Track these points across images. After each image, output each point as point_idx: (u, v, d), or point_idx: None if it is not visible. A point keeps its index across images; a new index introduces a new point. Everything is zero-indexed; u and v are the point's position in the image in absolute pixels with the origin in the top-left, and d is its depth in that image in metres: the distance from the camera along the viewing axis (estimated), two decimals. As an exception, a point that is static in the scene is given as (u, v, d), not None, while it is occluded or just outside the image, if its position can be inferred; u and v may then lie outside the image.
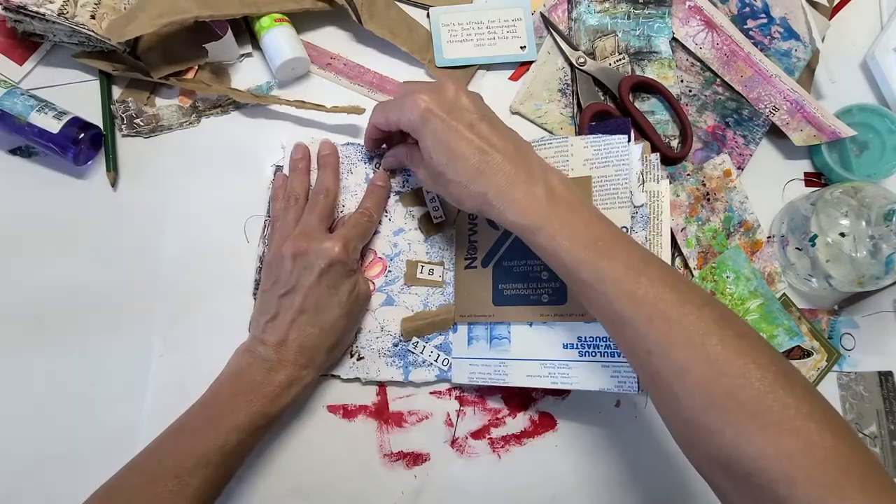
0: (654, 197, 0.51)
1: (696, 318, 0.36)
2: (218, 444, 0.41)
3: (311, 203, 0.49)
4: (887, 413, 0.56)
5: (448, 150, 0.42)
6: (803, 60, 0.61)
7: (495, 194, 0.41)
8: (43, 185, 0.51)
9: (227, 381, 0.45)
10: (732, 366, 0.34)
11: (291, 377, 0.45)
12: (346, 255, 0.46)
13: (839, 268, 0.52)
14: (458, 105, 0.43)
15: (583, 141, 0.50)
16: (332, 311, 0.46)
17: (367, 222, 0.50)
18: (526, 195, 0.40)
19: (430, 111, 0.42)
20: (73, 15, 0.48)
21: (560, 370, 0.47)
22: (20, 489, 0.46)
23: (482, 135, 0.42)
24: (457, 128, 0.42)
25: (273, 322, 0.45)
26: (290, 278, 0.45)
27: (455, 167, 0.42)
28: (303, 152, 0.52)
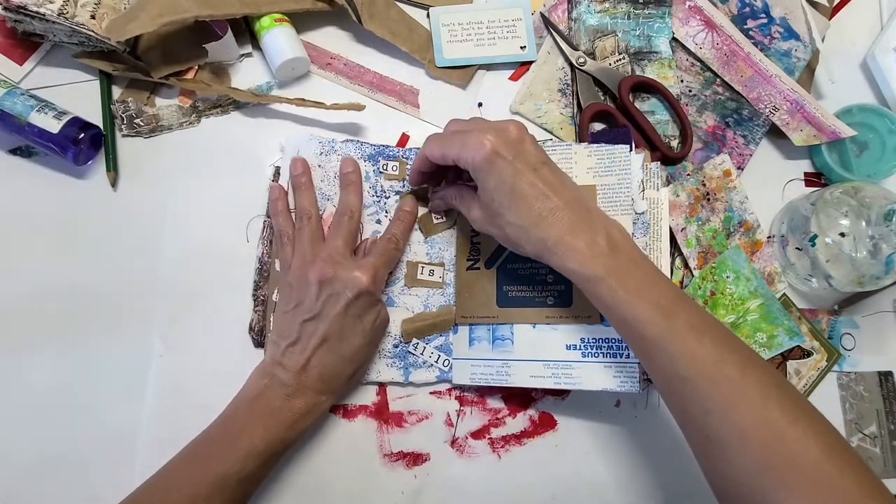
0: (654, 204, 0.52)
1: (757, 380, 0.36)
2: (235, 470, 0.41)
3: (335, 224, 0.48)
4: (887, 413, 0.56)
5: (512, 193, 0.41)
6: (803, 60, 0.61)
7: (556, 241, 0.41)
8: (43, 185, 0.50)
9: (244, 405, 0.44)
10: (791, 431, 0.35)
11: (310, 404, 0.44)
12: (374, 286, 0.45)
13: (839, 268, 0.52)
14: (522, 148, 0.42)
15: (586, 149, 0.51)
16: (356, 341, 0.45)
17: (395, 250, 0.49)
18: (588, 245, 0.40)
19: (496, 153, 0.41)
20: (73, 15, 0.48)
21: (563, 370, 0.48)
22: (20, 489, 0.46)
23: (546, 180, 0.42)
24: (522, 171, 0.41)
25: (294, 347, 0.45)
26: (315, 304, 0.44)
27: (518, 211, 0.41)
28: (303, 167, 0.51)
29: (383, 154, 0.53)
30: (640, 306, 0.38)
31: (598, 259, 0.40)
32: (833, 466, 0.34)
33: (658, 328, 0.38)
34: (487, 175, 0.42)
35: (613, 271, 0.40)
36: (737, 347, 0.38)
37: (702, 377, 0.37)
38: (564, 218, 0.41)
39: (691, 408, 0.38)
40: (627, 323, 0.39)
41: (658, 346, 0.38)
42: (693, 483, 0.51)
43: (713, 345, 0.37)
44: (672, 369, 0.38)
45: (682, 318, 0.38)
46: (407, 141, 0.55)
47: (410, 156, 0.53)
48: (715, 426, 0.36)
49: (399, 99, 0.56)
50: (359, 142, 0.53)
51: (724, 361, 0.37)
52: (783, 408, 0.36)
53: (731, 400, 0.36)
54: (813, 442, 0.34)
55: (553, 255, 0.41)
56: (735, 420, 0.36)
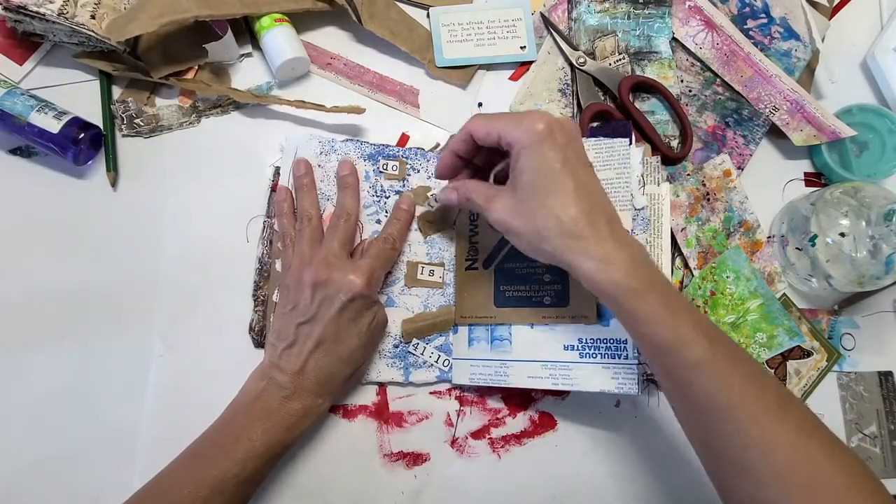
0: (655, 199, 0.52)
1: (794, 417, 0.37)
2: (234, 472, 0.41)
3: (331, 227, 0.48)
4: (887, 413, 0.56)
5: (557, 176, 0.39)
6: (803, 60, 0.61)
7: (598, 246, 0.38)
8: (43, 185, 0.50)
9: (242, 407, 0.44)
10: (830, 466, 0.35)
11: (307, 406, 0.44)
12: (368, 289, 0.45)
13: (839, 268, 0.52)
14: (577, 141, 0.41)
15: (585, 143, 0.50)
16: (351, 342, 0.45)
17: (391, 250, 0.48)
18: (630, 256, 0.38)
19: (552, 134, 0.39)
20: (73, 15, 0.48)
21: (561, 371, 0.47)
22: (20, 489, 0.46)
23: (593, 180, 0.41)
24: (572, 161, 0.39)
25: (290, 350, 0.45)
26: (309, 307, 0.44)
27: (557, 197, 0.39)
28: (305, 168, 0.51)
29: (383, 154, 0.53)
30: (684, 327, 0.37)
31: (639, 272, 0.38)
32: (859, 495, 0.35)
33: (702, 352, 0.37)
34: (535, 154, 0.39)
35: (654, 287, 0.38)
36: (772, 381, 0.38)
37: (742, 410, 0.36)
38: (605, 224, 0.39)
39: (727, 440, 0.37)
40: (666, 343, 0.37)
41: (699, 371, 0.37)
42: (693, 483, 0.51)
43: (752, 377, 0.37)
44: (711, 397, 0.37)
45: (723, 347, 0.37)
46: (407, 141, 0.55)
47: (410, 155, 0.53)
48: (753, 460, 0.36)
49: (399, 99, 0.56)
50: (359, 141, 0.53)
51: (764, 396, 0.37)
52: (821, 442, 0.36)
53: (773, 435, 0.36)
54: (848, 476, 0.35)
55: (587, 260, 0.38)
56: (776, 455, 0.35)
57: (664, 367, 0.39)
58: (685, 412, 0.40)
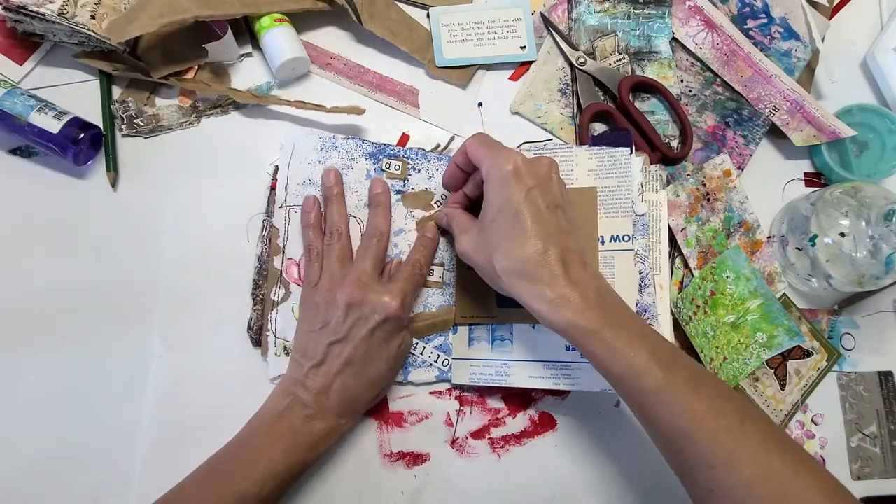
0: (654, 206, 0.53)
1: (757, 432, 0.37)
2: (254, 491, 0.41)
3: (364, 246, 0.48)
4: (887, 413, 0.56)
5: (514, 220, 0.40)
6: (803, 60, 0.61)
7: (549, 289, 0.39)
8: (43, 185, 0.50)
9: (265, 425, 0.44)
10: (795, 482, 0.35)
11: (330, 426, 0.44)
12: (403, 311, 0.45)
13: (839, 268, 0.52)
14: (547, 184, 0.42)
15: (587, 152, 0.51)
16: (380, 365, 0.45)
17: (420, 275, 0.49)
18: (582, 296, 0.39)
19: (518, 173, 0.40)
20: (73, 15, 0.48)
21: (562, 371, 0.48)
22: (20, 489, 0.46)
23: (555, 222, 0.41)
24: (536, 202, 0.40)
25: (318, 369, 0.44)
26: (341, 327, 0.44)
27: (513, 241, 0.40)
28: (335, 178, 0.50)
29: (384, 153, 0.53)
30: (639, 358, 0.38)
31: (592, 310, 0.39)
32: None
33: (657, 381, 0.37)
34: (499, 191, 0.41)
35: (608, 323, 0.39)
36: (732, 398, 0.38)
37: (702, 430, 0.36)
38: (559, 266, 0.39)
39: (693, 461, 0.37)
40: (624, 375, 0.38)
41: (657, 399, 0.37)
42: (693, 483, 0.51)
43: (710, 397, 0.37)
44: (672, 423, 0.37)
45: (679, 372, 0.38)
46: (407, 141, 0.55)
47: (411, 155, 0.53)
48: (719, 480, 0.36)
49: (399, 99, 0.56)
50: (360, 139, 0.53)
51: (723, 414, 0.37)
52: (784, 458, 0.36)
53: (735, 452, 0.36)
54: (816, 491, 0.35)
55: (540, 302, 0.39)
56: (739, 471, 0.35)
57: (624, 397, 0.40)
58: (656, 439, 0.40)
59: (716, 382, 0.39)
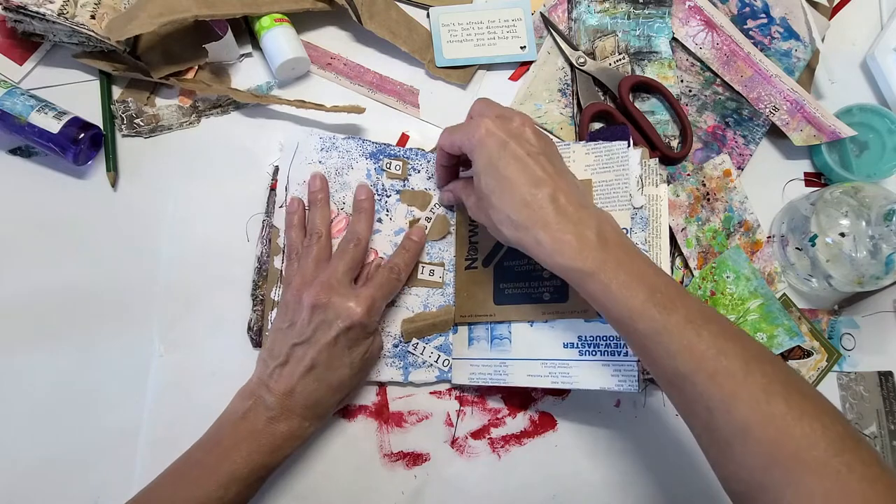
0: (653, 200, 0.52)
1: (761, 374, 0.35)
2: (217, 496, 0.40)
3: (340, 250, 0.47)
4: (887, 413, 0.56)
5: (498, 174, 0.40)
6: (803, 60, 0.61)
7: (543, 232, 0.39)
8: (43, 185, 0.50)
9: (228, 427, 0.43)
10: (798, 426, 0.33)
11: (293, 428, 0.43)
12: (368, 318, 0.44)
13: (839, 268, 0.52)
14: (521, 134, 0.42)
15: (584, 147, 0.51)
16: (343, 371, 0.45)
17: (396, 280, 0.48)
18: (577, 237, 0.39)
19: (490, 132, 0.41)
20: (73, 15, 0.48)
21: (561, 370, 0.48)
22: (21, 489, 0.46)
23: (540, 167, 0.41)
24: (515, 153, 0.41)
25: (282, 370, 0.44)
26: (305, 329, 0.44)
27: (502, 194, 0.40)
28: (321, 183, 0.50)
29: (385, 153, 0.53)
30: (634, 300, 0.37)
31: (587, 252, 0.38)
32: (841, 462, 0.32)
33: (653, 322, 0.36)
34: (479, 155, 0.42)
35: (605, 265, 0.38)
36: (738, 339, 0.37)
37: (701, 372, 0.35)
38: (553, 208, 0.39)
39: (693, 405, 0.36)
40: (621, 318, 0.38)
41: (654, 341, 0.37)
42: (694, 483, 0.51)
43: (713, 338, 0.36)
44: (670, 365, 0.36)
45: (679, 312, 0.37)
46: (407, 141, 0.56)
47: (412, 155, 0.54)
48: (718, 423, 0.35)
49: (399, 99, 0.56)
50: (360, 139, 0.53)
51: (725, 354, 0.35)
52: (789, 402, 0.34)
53: (734, 395, 0.34)
54: (821, 435, 0.33)
55: (539, 247, 0.39)
56: (738, 416, 0.34)
57: (628, 341, 0.40)
58: (659, 382, 0.39)
59: (721, 322, 0.37)
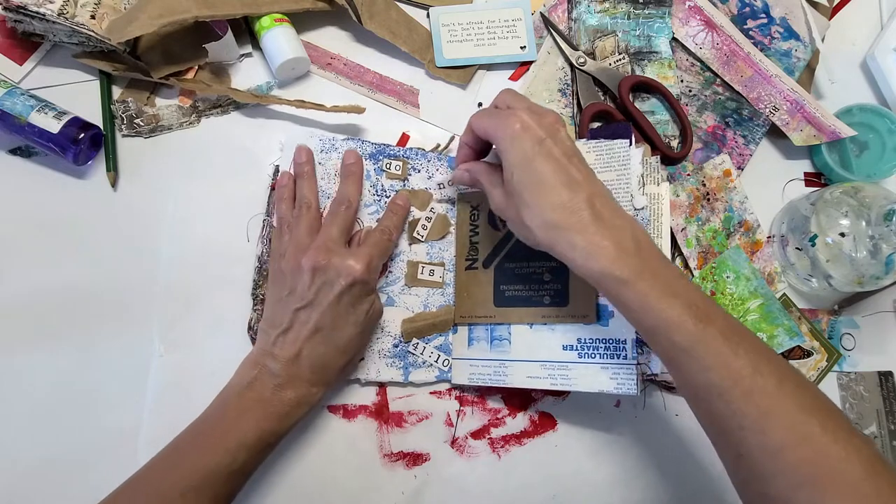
0: (655, 199, 0.52)
1: (795, 396, 0.35)
2: (225, 463, 0.40)
3: (331, 214, 0.48)
4: (887, 413, 0.56)
5: (535, 172, 0.40)
6: (803, 60, 0.61)
7: (580, 236, 0.38)
8: (43, 185, 0.51)
9: (234, 396, 0.43)
10: (833, 449, 0.33)
11: (301, 395, 0.43)
12: (368, 275, 0.44)
13: (839, 268, 0.52)
14: (557, 133, 0.41)
15: (585, 145, 0.51)
16: (348, 330, 0.45)
17: (388, 241, 0.48)
18: (615, 244, 0.38)
19: (527, 127, 0.40)
20: (73, 15, 0.48)
21: (560, 371, 0.47)
22: (21, 489, 0.46)
23: (575, 167, 0.40)
24: (551, 152, 0.40)
25: (285, 336, 0.44)
26: (307, 292, 0.43)
27: (538, 194, 0.40)
28: (307, 156, 0.51)
29: (385, 153, 0.53)
30: (672, 311, 0.36)
31: (626, 259, 0.37)
32: (870, 485, 0.33)
33: (691, 335, 0.36)
34: (512, 148, 0.40)
35: (643, 273, 0.37)
36: (773, 359, 0.36)
37: (736, 388, 0.35)
38: (587, 211, 0.38)
39: (725, 420, 0.36)
40: (657, 328, 0.37)
41: (689, 354, 0.36)
42: (694, 483, 0.51)
43: (748, 355, 0.35)
44: (705, 379, 0.36)
45: (716, 325, 0.36)
46: (407, 141, 0.56)
47: (412, 156, 0.54)
48: (749, 441, 0.35)
49: (399, 99, 0.56)
50: (360, 140, 0.53)
51: (760, 373, 0.35)
52: (823, 423, 0.34)
53: (768, 413, 0.34)
54: (855, 459, 0.33)
55: (572, 251, 0.38)
56: (771, 434, 0.34)
57: (658, 351, 0.39)
58: (687, 395, 0.39)
59: (755, 340, 0.37)
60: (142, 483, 0.40)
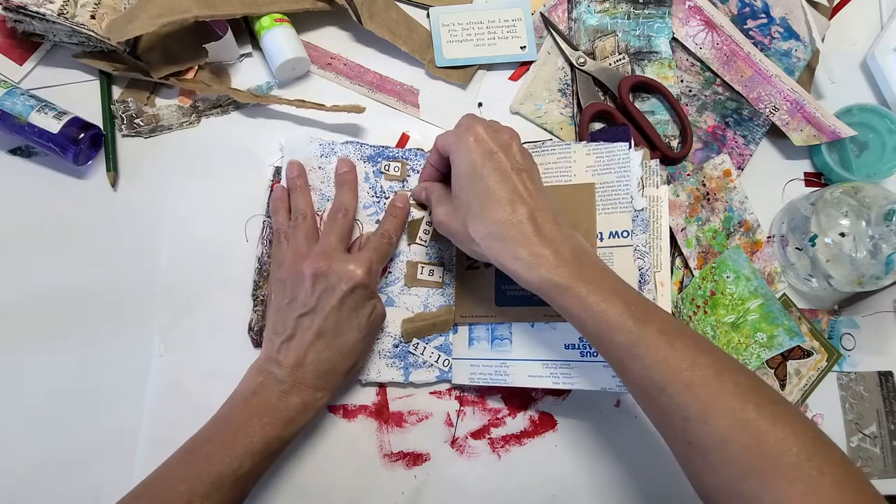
0: (654, 201, 0.52)
1: (734, 384, 0.36)
2: (232, 469, 0.40)
3: (329, 221, 0.48)
4: (887, 413, 0.56)
5: (480, 183, 0.41)
6: (803, 60, 0.61)
7: (522, 248, 0.40)
8: (43, 185, 0.50)
9: (240, 402, 0.44)
10: (772, 433, 0.34)
11: (306, 400, 0.44)
12: (368, 279, 0.45)
13: (839, 268, 0.52)
14: (508, 148, 0.43)
15: (585, 148, 0.51)
16: (351, 335, 0.45)
17: (388, 244, 0.49)
18: (554, 253, 0.40)
19: (480, 140, 0.42)
20: (73, 15, 0.48)
21: (562, 370, 0.48)
22: (21, 490, 0.46)
23: (521, 183, 0.42)
24: (499, 165, 0.41)
25: (289, 343, 0.44)
26: (309, 299, 0.44)
27: (482, 204, 0.41)
28: (298, 169, 0.51)
29: (383, 155, 0.53)
30: (612, 312, 0.38)
31: (564, 266, 0.39)
32: (812, 466, 0.33)
33: (630, 334, 0.37)
34: (464, 158, 0.42)
35: (581, 278, 0.39)
36: (709, 350, 0.38)
37: (677, 383, 0.36)
38: (529, 225, 0.40)
39: (669, 415, 0.37)
40: (599, 331, 0.38)
41: (630, 353, 0.37)
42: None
43: (685, 349, 0.37)
44: (646, 377, 0.37)
45: (653, 324, 0.38)
46: (407, 141, 0.56)
47: (411, 156, 0.54)
48: (694, 432, 0.36)
49: (399, 99, 0.56)
50: (358, 143, 0.53)
51: (698, 365, 0.36)
52: (761, 409, 0.35)
53: (709, 404, 0.35)
54: (793, 441, 0.34)
55: (516, 262, 0.40)
56: (714, 424, 0.35)
57: (604, 353, 0.40)
58: (634, 394, 0.40)
59: (691, 335, 0.38)
60: (148, 491, 0.40)
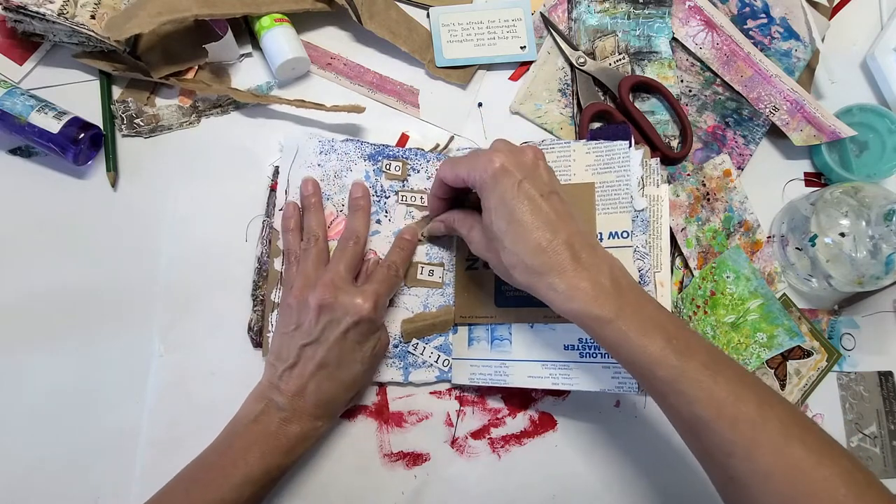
0: (654, 201, 0.52)
1: (779, 421, 0.35)
2: (231, 497, 0.40)
3: (339, 249, 0.47)
4: (887, 413, 0.56)
5: (512, 216, 0.40)
6: (803, 60, 0.61)
7: (559, 279, 0.39)
8: (43, 185, 0.50)
9: (240, 429, 0.44)
10: (817, 471, 0.34)
11: (306, 429, 0.44)
12: (375, 313, 0.44)
13: (839, 268, 0.52)
14: (535, 172, 0.41)
15: (584, 147, 0.51)
16: (354, 367, 0.45)
17: (395, 277, 0.48)
18: (593, 284, 0.39)
19: (505, 170, 0.40)
20: (73, 15, 0.48)
21: (561, 371, 0.48)
22: (21, 490, 0.46)
23: (552, 209, 0.40)
24: (528, 194, 0.40)
25: (291, 371, 0.44)
26: (314, 329, 0.44)
27: (515, 236, 0.40)
28: (314, 187, 0.50)
29: (384, 154, 0.53)
30: (653, 347, 0.37)
31: (604, 299, 0.38)
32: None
33: (673, 370, 0.37)
34: (491, 192, 0.41)
35: (622, 311, 0.38)
36: (753, 385, 0.37)
37: (721, 418, 0.36)
38: (566, 253, 0.39)
39: (713, 450, 0.36)
40: (640, 365, 0.38)
41: (673, 388, 0.37)
42: (693, 484, 0.51)
43: (728, 384, 0.36)
44: (689, 411, 0.37)
45: (696, 358, 0.37)
46: (406, 141, 0.56)
47: (411, 156, 0.54)
48: (737, 467, 0.35)
49: (399, 99, 0.56)
50: (359, 141, 0.53)
51: (742, 401, 0.36)
52: (806, 445, 0.35)
53: (753, 441, 0.35)
54: (839, 481, 0.34)
55: (552, 293, 0.39)
56: (758, 461, 0.35)
57: (646, 386, 0.39)
58: (676, 427, 0.40)
59: (734, 367, 0.38)
60: None
